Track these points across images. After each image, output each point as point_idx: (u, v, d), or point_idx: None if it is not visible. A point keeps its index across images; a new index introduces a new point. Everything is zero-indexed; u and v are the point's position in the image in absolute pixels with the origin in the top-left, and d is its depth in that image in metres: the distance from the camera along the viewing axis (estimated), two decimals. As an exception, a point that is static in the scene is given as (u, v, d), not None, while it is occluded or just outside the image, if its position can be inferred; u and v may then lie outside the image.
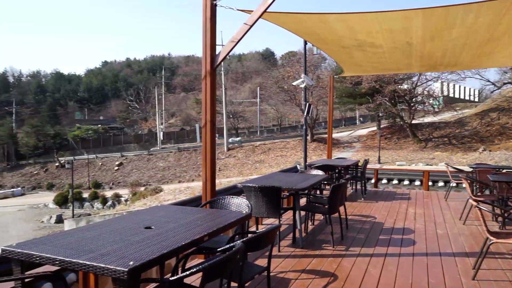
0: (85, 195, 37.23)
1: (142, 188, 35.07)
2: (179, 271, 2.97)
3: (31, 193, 47.75)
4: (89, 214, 29.39)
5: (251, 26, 4.29)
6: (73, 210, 32.39)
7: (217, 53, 4.44)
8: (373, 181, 11.09)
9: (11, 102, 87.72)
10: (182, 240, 2.44)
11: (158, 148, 52.82)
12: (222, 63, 4.64)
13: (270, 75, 50.40)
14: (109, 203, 34.42)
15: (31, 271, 2.63)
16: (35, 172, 53.71)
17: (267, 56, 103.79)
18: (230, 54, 4.72)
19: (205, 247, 3.11)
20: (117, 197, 34.62)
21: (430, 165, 25.45)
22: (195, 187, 28.89)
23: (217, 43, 4.48)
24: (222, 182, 28.91)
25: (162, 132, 58.05)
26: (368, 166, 9.45)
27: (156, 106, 62.11)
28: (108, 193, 36.84)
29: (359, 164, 9.40)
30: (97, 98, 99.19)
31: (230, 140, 47.49)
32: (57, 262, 2.09)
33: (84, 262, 2.01)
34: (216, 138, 8.43)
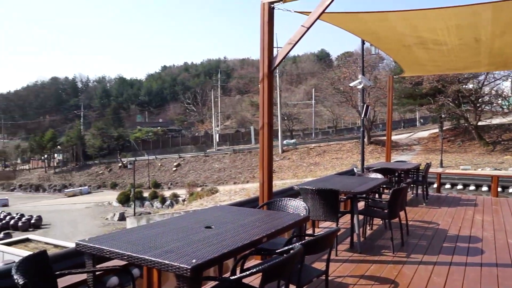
0: (146, 194, 38.90)
1: (199, 189, 36.00)
2: (237, 271, 3.01)
3: (97, 191, 50.73)
4: (149, 213, 30.67)
5: (308, 28, 4.27)
6: (134, 209, 33.97)
7: (274, 55, 4.46)
8: (435, 185, 10.57)
9: (80, 106, 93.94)
10: (241, 240, 2.47)
11: (214, 149, 53.99)
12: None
13: (326, 76, 49.75)
14: (168, 202, 35.71)
15: (101, 265, 2.79)
16: (100, 172, 57.00)
17: (322, 57, 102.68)
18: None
19: (263, 248, 3.13)
20: (175, 197, 35.85)
21: (499, 169, 23.79)
22: (250, 189, 29.16)
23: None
24: (276, 184, 28.92)
25: (218, 134, 59.27)
26: (430, 170, 9.02)
27: (212, 108, 63.55)
28: (167, 193, 38.26)
29: (421, 167, 9.00)
30: (157, 101, 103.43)
31: (284, 142, 47.49)
32: (125, 257, 2.20)
33: (150, 258, 2.10)
34: (272, 140, 8.45)
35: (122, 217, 31.12)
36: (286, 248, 2.70)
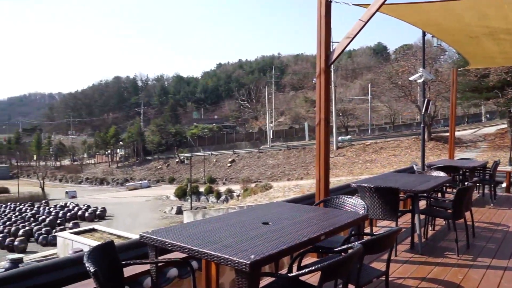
0: (201, 189, 39.93)
1: (253, 185, 36.34)
2: (293, 268, 2.99)
3: (156, 185, 52.84)
4: (205, 207, 31.45)
5: (367, 21, 4.13)
6: (191, 203, 34.99)
7: (331, 50, 4.37)
8: (504, 185, 9.87)
9: (140, 104, 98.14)
10: (299, 237, 2.45)
11: (268, 146, 54.21)
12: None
13: (383, 70, 48.09)
14: (223, 197, 36.41)
15: (163, 257, 2.90)
16: (159, 167, 59.31)
17: (379, 51, 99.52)
18: (341, 50, 4.59)
19: (321, 246, 3.09)
20: (229, 192, 36.46)
21: None
22: (304, 185, 29.00)
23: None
24: (331, 181, 28.51)
25: (271, 131, 59.43)
26: (498, 168, 8.44)
27: (266, 105, 63.81)
28: (222, 188, 39.00)
29: (488, 165, 8.45)
30: (212, 99, 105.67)
31: (339, 138, 46.64)
32: (186, 250, 2.26)
33: (210, 252, 2.14)
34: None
35: (179, 211, 32.18)
36: (345, 247, 2.65)
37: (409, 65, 37.69)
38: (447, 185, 7.18)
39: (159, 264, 2.60)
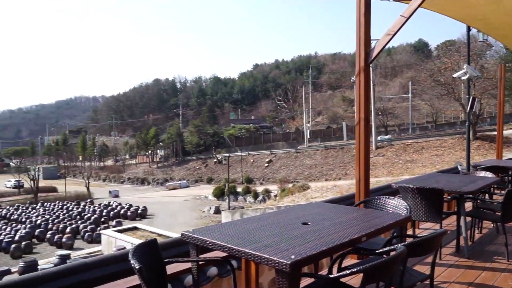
0: (239, 189, 40.23)
1: (290, 185, 36.22)
2: (333, 270, 2.96)
3: (194, 185, 53.76)
4: (242, 207, 31.66)
5: (408, 17, 4.02)
6: (228, 203, 35.34)
7: (371, 48, 4.28)
8: (558, 186, 9.31)
9: (179, 105, 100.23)
10: (340, 238, 2.41)
11: (305, 146, 53.85)
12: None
13: (424, 67, 46.58)
14: (260, 197, 36.51)
15: (204, 255, 2.95)
16: (197, 167, 60.29)
17: (420, 47, 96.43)
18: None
19: (362, 248, 3.03)
20: (267, 192, 36.51)
21: None
22: (342, 186, 28.59)
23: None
24: (370, 181, 27.95)
25: (308, 130, 59.00)
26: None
27: (303, 105, 63.41)
28: (259, 188, 39.13)
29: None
30: (249, 99, 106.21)
31: (379, 138, 45.62)
32: (226, 249, 2.28)
33: (250, 251, 2.15)
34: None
35: (217, 211, 32.58)
36: (388, 248, 2.59)
37: (452, 62, 36.32)
38: (495, 186, 6.86)
39: (200, 263, 2.64)
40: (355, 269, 2.07)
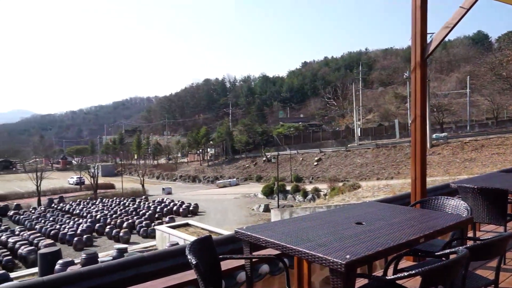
0: (288, 187, 40.14)
1: (340, 184, 35.63)
2: (388, 272, 2.88)
3: (244, 183, 54.33)
4: (292, 206, 31.58)
5: (469, 9, 3.82)
6: (278, 201, 35.38)
7: (427, 42, 4.11)
8: None
9: (228, 105, 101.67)
10: (396, 239, 2.34)
11: (356, 144, 52.73)
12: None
13: (484, 61, 44.06)
14: (309, 196, 36.23)
15: (256, 253, 2.98)
16: (246, 165, 60.89)
17: (479, 40, 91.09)
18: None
19: (420, 250, 2.93)
20: (316, 191, 36.16)
21: None
22: (395, 185, 27.68)
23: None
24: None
25: (359, 128, 57.71)
26: None
27: (353, 102, 62.08)
28: (308, 187, 38.83)
29: None
30: (298, 97, 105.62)
31: (434, 136, 43.72)
32: (279, 247, 2.29)
33: (304, 250, 2.14)
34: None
35: (267, 209, 32.72)
36: (448, 251, 2.48)
37: (516, 54, 34.07)
38: None
39: (253, 260, 2.67)
40: (413, 272, 2.00)
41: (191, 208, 33.41)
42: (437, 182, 22.73)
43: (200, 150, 77.53)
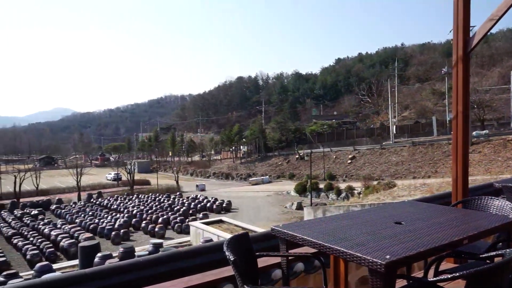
0: (321, 185, 39.78)
1: (375, 182, 34.95)
2: (428, 273, 2.79)
3: (276, 181, 54.32)
4: (325, 204, 31.29)
5: (516, -1, 3.64)
6: (311, 199, 35.15)
7: (470, 36, 3.95)
8: None
9: (261, 102, 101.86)
10: (437, 240, 2.27)
11: (391, 142, 51.55)
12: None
13: (529, 55, 41.91)
14: (343, 195, 35.76)
15: (292, 250, 2.96)
16: (279, 163, 60.82)
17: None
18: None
19: (461, 251, 2.82)
20: (350, 189, 35.65)
21: None
22: (432, 184, 26.85)
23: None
24: (464, 180, 25.86)
25: (394, 126, 56.37)
26: None
27: (389, 99, 60.66)
28: (342, 185, 38.33)
29: None
30: (331, 95, 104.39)
31: (474, 133, 42.10)
32: (316, 246, 2.27)
33: (342, 249, 2.11)
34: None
35: (300, 207, 32.57)
36: (493, 253, 2.38)
37: None
38: None
39: (289, 258, 2.66)
40: (457, 274, 1.93)
41: (224, 205, 33.71)
42: (478, 181, 21.88)
43: (233, 148, 78.11)
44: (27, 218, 30.48)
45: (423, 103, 69.09)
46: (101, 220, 28.55)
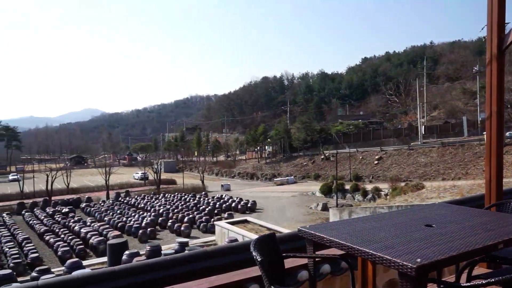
0: (347, 186, 39.32)
1: (402, 184, 34.30)
2: (460, 278, 2.71)
3: (301, 181, 54.05)
4: (351, 205, 30.90)
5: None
6: (336, 200, 34.80)
7: (506, 32, 3.81)
8: None
9: (286, 102, 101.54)
10: (470, 244, 2.19)
11: (419, 142, 50.43)
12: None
13: None
14: (369, 196, 35.25)
15: (320, 252, 2.93)
16: (304, 163, 60.51)
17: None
18: None
19: (496, 256, 2.72)
20: (376, 190, 35.09)
21: None
22: (463, 186, 26.08)
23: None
24: (497, 182, 24.98)
25: (423, 126, 55.10)
26: None
27: (417, 98, 59.32)
28: (368, 186, 37.78)
29: None
30: (358, 94, 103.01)
31: (507, 134, 40.72)
32: (344, 248, 2.23)
33: (371, 251, 2.07)
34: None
35: (325, 207, 32.28)
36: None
37: None
38: None
39: (316, 259, 2.63)
40: (492, 280, 1.86)
41: (249, 205, 33.79)
42: (511, 184, 21.12)
43: (258, 148, 78.18)
44: (58, 216, 31.43)
45: (453, 102, 67.27)
46: (129, 219, 29.10)
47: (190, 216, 28.64)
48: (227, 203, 34.71)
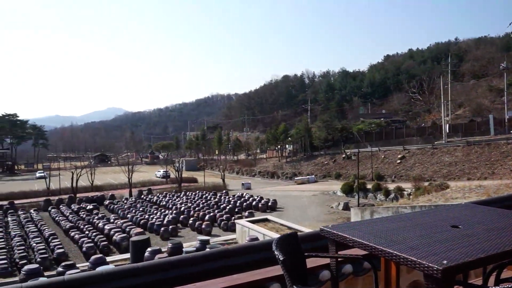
0: (369, 186, 38.84)
1: (426, 183, 33.64)
2: (488, 281, 2.63)
3: (322, 180, 53.70)
4: (373, 205, 30.53)
5: None
6: (358, 199, 34.43)
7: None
8: None
9: (307, 101, 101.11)
10: (499, 246, 2.13)
11: (443, 141, 49.36)
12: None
13: None
14: (392, 195, 34.72)
15: (342, 251, 2.90)
16: (325, 162, 60.09)
17: None
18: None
19: (526, 259, 2.63)
20: (399, 190, 34.54)
21: None
22: (489, 186, 25.42)
23: None
24: (525, 182, 24.24)
25: (447, 124, 53.90)
26: None
27: (441, 96, 58.06)
28: (390, 186, 37.23)
29: None
30: (380, 92, 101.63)
31: (536, 132, 39.44)
32: (368, 248, 2.20)
33: (395, 252, 2.03)
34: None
35: (346, 207, 31.98)
36: None
37: None
38: None
39: (338, 259, 2.61)
40: (522, 283, 1.80)
41: (269, 204, 33.78)
42: (540, 184, 20.47)
43: (279, 147, 78.07)
44: (83, 213, 32.15)
45: (479, 100, 65.57)
46: (151, 216, 29.51)
47: (211, 214, 28.82)
48: (248, 202, 34.79)
